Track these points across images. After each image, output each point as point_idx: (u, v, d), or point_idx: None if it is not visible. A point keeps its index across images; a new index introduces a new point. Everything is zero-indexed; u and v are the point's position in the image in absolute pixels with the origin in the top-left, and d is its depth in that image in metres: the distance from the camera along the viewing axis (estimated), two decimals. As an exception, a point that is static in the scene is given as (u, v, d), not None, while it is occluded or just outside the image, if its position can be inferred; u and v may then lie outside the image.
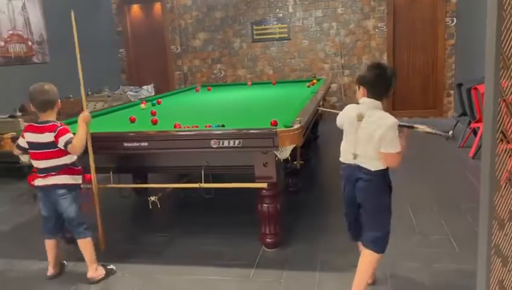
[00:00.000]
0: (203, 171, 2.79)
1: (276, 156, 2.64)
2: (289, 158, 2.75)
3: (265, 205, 2.84)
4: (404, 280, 2.47)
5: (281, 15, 7.56)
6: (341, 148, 2.27)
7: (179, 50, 8.06)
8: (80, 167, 2.66)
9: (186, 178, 3.09)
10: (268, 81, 6.58)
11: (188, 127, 2.88)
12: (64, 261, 2.84)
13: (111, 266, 2.74)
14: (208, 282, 2.56)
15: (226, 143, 2.60)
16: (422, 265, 2.62)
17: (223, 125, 2.84)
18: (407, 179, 4.25)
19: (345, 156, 2.23)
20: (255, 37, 7.72)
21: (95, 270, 2.65)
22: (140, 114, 3.69)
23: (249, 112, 3.77)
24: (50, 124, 2.55)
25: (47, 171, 2.55)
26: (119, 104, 4.61)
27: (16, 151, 2.69)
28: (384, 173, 2.17)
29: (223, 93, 5.33)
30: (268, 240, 2.92)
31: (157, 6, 8.08)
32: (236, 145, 2.59)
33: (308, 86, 5.34)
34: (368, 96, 2.13)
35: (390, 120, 2.08)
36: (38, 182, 2.58)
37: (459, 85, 5.37)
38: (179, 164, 2.98)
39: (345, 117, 2.24)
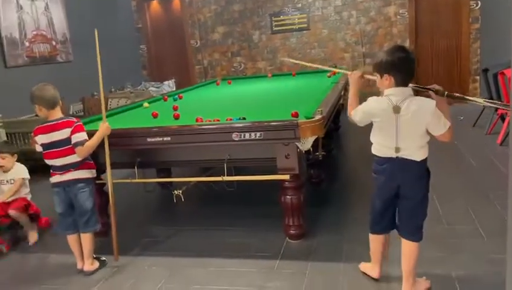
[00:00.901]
0: (225, 165, 2.81)
1: (297, 147, 2.64)
2: (311, 149, 2.75)
3: (288, 196, 2.85)
4: (429, 270, 2.44)
5: (299, 5, 7.49)
6: (376, 143, 2.18)
7: (199, 44, 8.10)
8: (93, 161, 2.75)
9: (210, 171, 3.12)
10: (289, 72, 6.54)
11: (210, 120, 2.90)
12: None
13: (103, 258, 2.83)
14: (233, 273, 2.59)
15: (247, 136, 2.61)
16: (449, 255, 2.59)
17: (244, 118, 2.85)
18: (433, 167, 4.16)
19: (384, 151, 2.13)
20: (274, 28, 7.68)
21: (91, 264, 2.75)
22: (163, 109, 3.73)
23: (269, 104, 3.76)
24: (65, 120, 2.63)
25: (66, 169, 2.63)
26: (141, 100, 4.67)
27: (38, 148, 2.75)
28: (425, 162, 2.13)
29: (243, 86, 5.33)
30: (292, 231, 2.93)
31: (176, 2, 8.12)
32: (257, 137, 2.60)
33: (329, 76, 5.28)
34: (397, 84, 2.02)
35: (430, 104, 2.00)
36: (57, 178, 2.66)
37: (485, 70, 5.22)
38: (201, 158, 3.01)
39: (372, 114, 2.14)
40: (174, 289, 2.49)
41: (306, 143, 2.60)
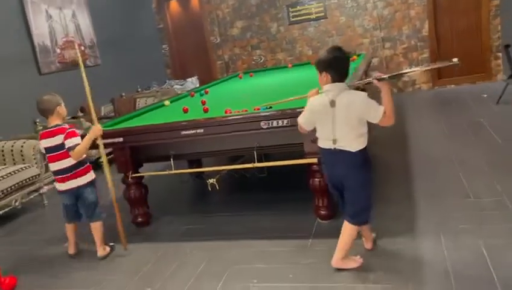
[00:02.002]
0: (255, 152, 2.97)
1: (323, 131, 2.77)
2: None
3: (316, 179, 2.98)
4: (457, 241, 2.55)
5: (316, -6, 7.55)
6: (318, 136, 2.37)
7: (219, 40, 8.27)
8: (88, 163, 3.04)
9: (241, 160, 3.29)
10: (308, 61, 6.63)
11: (238, 111, 3.07)
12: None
13: (112, 244, 3.13)
14: (269, 253, 2.76)
15: (274, 123, 2.76)
16: (476, 226, 2.68)
17: (270, 107, 3.00)
18: (457, 144, 4.25)
19: (324, 143, 2.34)
20: (292, 19, 7.78)
21: (104, 250, 3.05)
22: (191, 104, 3.92)
23: (292, 92, 3.87)
24: (59, 127, 2.90)
25: (63, 173, 2.92)
26: (168, 98, 4.87)
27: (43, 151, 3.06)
28: (363, 152, 2.29)
29: (265, 78, 5.47)
30: (322, 212, 3.07)
31: (194, 0, 8.30)
32: (284, 124, 2.74)
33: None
34: (333, 81, 2.23)
35: (360, 96, 2.20)
36: (62, 187, 2.97)
37: (507, 46, 5.21)
38: (232, 147, 3.17)
39: (313, 111, 2.32)
40: (215, 269, 2.68)
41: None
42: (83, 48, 6.26)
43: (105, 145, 3.25)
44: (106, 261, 3.02)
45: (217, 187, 3.17)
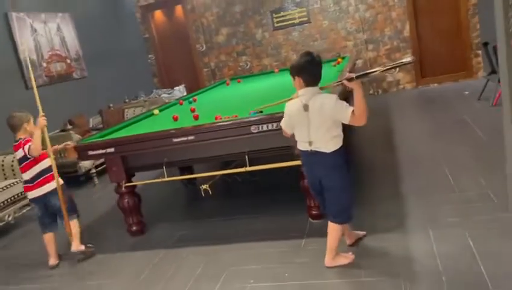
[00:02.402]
0: (247, 156, 3.03)
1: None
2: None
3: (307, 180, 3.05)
4: (445, 234, 2.64)
5: (298, 0, 7.68)
6: (296, 139, 2.46)
7: (204, 48, 8.34)
8: (51, 172, 3.18)
9: (233, 164, 3.34)
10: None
11: (228, 117, 3.13)
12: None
13: (90, 245, 3.31)
14: (264, 254, 2.82)
15: (264, 127, 2.83)
16: (463, 219, 2.78)
17: (261, 112, 3.06)
18: (442, 141, 4.37)
19: (302, 145, 2.43)
20: (276, 25, 7.88)
21: (79, 245, 3.22)
22: (181, 112, 3.97)
23: (281, 96, 3.96)
24: (19, 141, 3.14)
25: (33, 181, 3.13)
26: (157, 107, 4.91)
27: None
28: (339, 152, 2.36)
29: (253, 83, 5.55)
30: (314, 212, 3.14)
31: (179, 9, 8.37)
32: (274, 128, 2.81)
33: (334, 65, 5.48)
34: (306, 85, 2.30)
35: (330, 98, 2.28)
36: (33, 194, 3.16)
37: (485, 44, 5.36)
38: (223, 152, 3.21)
39: (291, 115, 2.41)
40: (212, 272, 2.73)
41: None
42: (68, 60, 6.27)
43: (97, 156, 3.30)
44: (103, 270, 3.05)
45: (210, 193, 3.22)
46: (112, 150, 3.20)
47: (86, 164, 5.02)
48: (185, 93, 7.35)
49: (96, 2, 7.30)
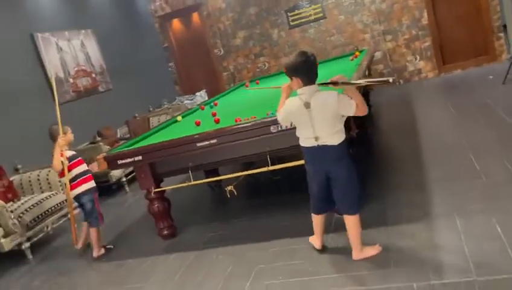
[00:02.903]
0: (268, 156, 3.10)
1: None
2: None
3: (330, 175, 3.09)
4: (472, 220, 2.63)
5: (312, -3, 7.69)
6: (300, 136, 2.52)
7: (222, 52, 8.46)
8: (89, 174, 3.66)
9: (255, 165, 3.42)
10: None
11: (248, 119, 3.21)
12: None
13: (109, 246, 3.74)
14: (291, 251, 2.88)
15: (283, 126, 2.88)
16: (490, 205, 2.76)
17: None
18: (466, 127, 4.32)
19: (307, 142, 2.49)
20: (291, 23, 7.92)
21: (99, 251, 3.63)
22: (203, 117, 4.08)
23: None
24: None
25: (70, 182, 3.56)
26: (180, 114, 5.04)
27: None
28: (344, 144, 2.46)
29: (271, 84, 5.61)
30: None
31: (195, 16, 8.53)
32: (292, 126, 2.86)
33: (352, 60, 5.48)
34: (304, 84, 2.37)
35: (332, 95, 2.35)
36: (72, 193, 3.59)
37: (505, 26, 5.25)
38: (244, 153, 3.27)
39: (290, 112, 2.47)
40: (242, 271, 2.81)
41: (338, 124, 2.83)
42: (93, 75, 6.50)
43: (126, 165, 3.43)
44: (138, 274, 3.17)
45: (235, 193, 3.30)
46: (139, 158, 3.32)
47: (116, 173, 5.21)
48: (206, 98, 7.48)
49: (116, 16, 7.53)
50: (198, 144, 3.10)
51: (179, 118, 4.49)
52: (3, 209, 3.76)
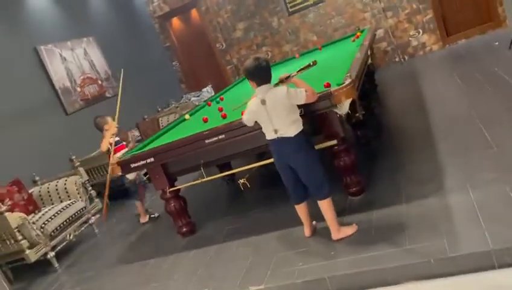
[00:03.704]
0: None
1: (337, 113, 2.90)
2: (349, 112, 3.00)
3: (341, 159, 3.11)
4: (486, 190, 2.63)
5: (309, -19, 7.63)
6: (263, 131, 2.74)
7: (224, 46, 8.46)
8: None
9: (266, 156, 3.45)
10: (315, 48, 6.73)
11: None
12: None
13: (154, 215, 4.41)
14: (308, 237, 2.92)
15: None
16: (503, 174, 2.75)
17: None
18: (475, 97, 4.28)
19: (269, 135, 2.70)
20: (290, 10, 7.88)
21: (144, 218, 4.38)
22: (210, 113, 4.12)
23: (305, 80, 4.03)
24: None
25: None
26: (187, 112, 5.10)
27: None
28: (301, 135, 2.65)
29: (275, 72, 5.59)
30: (352, 189, 3.20)
31: (194, 12, 8.53)
32: (300, 113, 2.88)
33: (353, 40, 5.45)
34: (258, 85, 2.63)
35: (282, 90, 2.59)
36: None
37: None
38: (254, 145, 3.27)
39: (252, 112, 2.70)
40: (262, 260, 2.86)
41: (343, 107, 2.85)
42: (99, 81, 6.58)
43: (139, 167, 3.50)
44: (161, 273, 3.26)
45: (248, 186, 3.34)
46: (151, 159, 3.39)
47: (130, 176, 5.28)
48: (213, 93, 7.52)
49: (116, 21, 7.58)
50: (207, 141, 3.15)
51: (187, 116, 4.54)
52: (25, 221, 3.87)
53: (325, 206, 2.76)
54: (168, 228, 3.94)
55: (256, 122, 2.77)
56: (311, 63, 2.82)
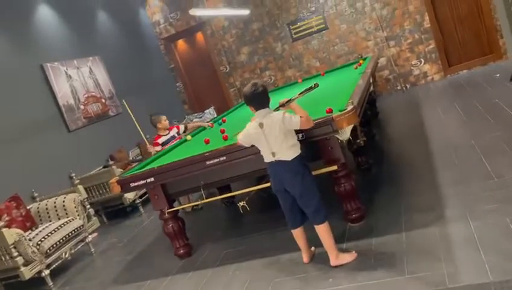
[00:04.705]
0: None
1: (338, 139, 2.92)
2: (351, 138, 3.01)
3: (341, 185, 3.11)
4: (486, 221, 2.62)
5: (313, 8, 7.78)
6: (262, 154, 2.77)
7: (228, 69, 8.56)
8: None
9: (265, 179, 3.44)
10: (317, 73, 6.82)
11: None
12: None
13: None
14: (307, 263, 2.89)
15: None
16: (503, 205, 2.74)
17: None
18: (475, 127, 4.30)
19: (267, 158, 2.74)
20: (294, 36, 8.01)
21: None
22: (212, 135, 4.13)
23: (305, 107, 4.06)
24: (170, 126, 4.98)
25: None
26: (188, 133, 5.12)
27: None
28: (299, 159, 2.68)
29: (278, 96, 5.64)
30: (352, 216, 3.18)
31: (199, 35, 8.67)
32: (301, 138, 2.90)
33: (356, 68, 5.52)
34: (257, 110, 2.70)
35: (278, 115, 2.64)
36: None
37: None
38: (254, 169, 3.27)
39: (249, 134, 2.75)
40: (259, 285, 2.82)
41: (344, 133, 2.86)
42: (103, 100, 6.63)
43: (139, 187, 3.49)
44: (157, 295, 3.21)
45: (248, 209, 3.33)
46: (151, 179, 3.38)
47: (129, 195, 5.28)
48: (215, 115, 7.57)
49: (122, 41, 7.69)
50: (208, 162, 3.15)
51: (189, 137, 4.56)
52: (22, 238, 3.84)
53: (322, 231, 2.75)
54: (165, 249, 3.90)
55: (253, 145, 2.80)
56: (313, 86, 2.86)
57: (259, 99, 2.71)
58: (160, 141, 4.78)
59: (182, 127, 5.02)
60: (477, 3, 6.98)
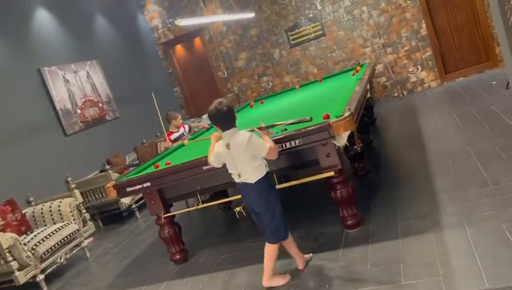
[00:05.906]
0: (274, 175, 3.12)
1: (335, 145, 2.92)
2: (347, 144, 3.01)
3: (338, 191, 3.11)
4: (482, 228, 2.62)
5: (311, 15, 7.82)
6: (230, 173, 2.76)
7: (226, 74, 8.58)
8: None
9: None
10: (315, 80, 6.83)
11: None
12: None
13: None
14: (307, 267, 2.88)
15: (288, 145, 2.92)
16: (499, 212, 2.74)
17: (285, 129, 3.16)
18: (472, 135, 4.31)
19: (234, 178, 2.74)
20: (292, 42, 8.03)
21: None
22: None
23: (303, 112, 4.06)
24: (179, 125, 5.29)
25: None
26: (192, 133, 5.12)
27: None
28: (262, 181, 2.67)
29: (275, 102, 5.67)
30: (349, 222, 3.18)
31: (197, 41, 8.69)
32: (298, 144, 2.90)
33: (353, 74, 5.54)
34: (223, 130, 2.65)
35: (245, 135, 2.60)
36: None
37: None
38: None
39: (218, 154, 2.74)
40: (255, 291, 2.81)
41: (342, 139, 2.87)
42: (100, 104, 6.63)
43: (135, 192, 3.48)
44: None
45: (244, 214, 3.31)
46: (148, 184, 3.37)
47: (126, 200, 5.25)
48: (212, 121, 7.56)
49: (120, 45, 7.70)
50: (205, 167, 3.14)
51: (186, 141, 4.55)
52: (17, 242, 3.81)
53: (270, 250, 2.77)
54: (161, 254, 3.88)
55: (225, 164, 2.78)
56: (308, 119, 2.80)
57: (224, 119, 2.65)
58: (172, 137, 5.08)
59: (187, 127, 5.33)
60: (474, 11, 7.04)
